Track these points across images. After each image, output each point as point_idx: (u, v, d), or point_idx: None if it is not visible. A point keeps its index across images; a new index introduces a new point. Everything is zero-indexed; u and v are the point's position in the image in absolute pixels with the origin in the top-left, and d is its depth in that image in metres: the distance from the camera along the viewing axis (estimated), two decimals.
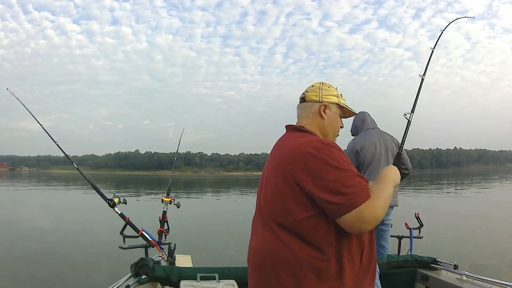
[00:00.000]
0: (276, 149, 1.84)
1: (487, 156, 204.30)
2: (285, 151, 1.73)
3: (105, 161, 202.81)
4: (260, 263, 1.69)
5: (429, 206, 16.76)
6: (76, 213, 17.82)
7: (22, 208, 20.48)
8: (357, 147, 4.02)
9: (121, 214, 3.75)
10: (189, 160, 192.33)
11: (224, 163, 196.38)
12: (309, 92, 1.93)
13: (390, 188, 1.71)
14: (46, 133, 4.23)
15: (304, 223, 1.59)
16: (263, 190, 1.80)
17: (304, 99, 1.93)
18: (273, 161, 1.79)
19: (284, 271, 1.59)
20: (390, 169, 1.87)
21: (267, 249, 1.66)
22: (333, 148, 1.64)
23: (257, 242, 1.75)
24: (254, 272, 1.73)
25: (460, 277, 2.97)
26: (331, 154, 1.60)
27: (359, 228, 1.55)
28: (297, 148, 1.67)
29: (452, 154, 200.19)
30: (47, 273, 7.51)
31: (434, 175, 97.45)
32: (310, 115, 1.89)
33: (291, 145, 1.73)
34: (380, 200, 1.58)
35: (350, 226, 1.54)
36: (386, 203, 1.61)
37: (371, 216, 1.53)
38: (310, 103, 1.91)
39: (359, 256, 1.64)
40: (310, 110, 1.90)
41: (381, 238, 3.98)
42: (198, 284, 2.83)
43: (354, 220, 1.51)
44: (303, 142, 1.68)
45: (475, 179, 56.50)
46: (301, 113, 1.93)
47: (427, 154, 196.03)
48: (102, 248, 9.20)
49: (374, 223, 1.56)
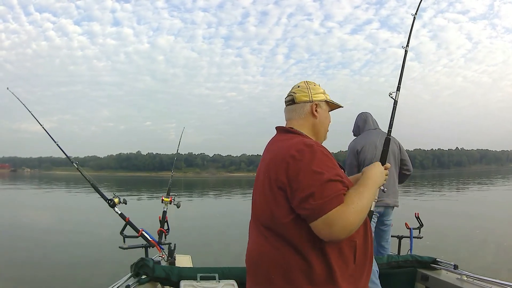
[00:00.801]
0: (266, 151, 1.84)
1: (488, 156, 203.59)
2: (272, 155, 1.73)
3: (107, 162, 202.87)
4: (254, 266, 1.71)
5: (429, 206, 16.75)
6: (76, 213, 17.86)
7: (22, 209, 20.42)
8: (358, 147, 4.03)
9: (121, 214, 3.76)
10: (190, 161, 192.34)
11: (226, 164, 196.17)
12: (297, 93, 1.91)
13: (370, 191, 1.68)
14: (47, 133, 4.24)
15: (287, 227, 1.58)
16: (254, 193, 1.81)
17: (294, 101, 1.91)
18: (263, 164, 1.79)
19: (276, 274, 1.60)
20: (373, 169, 1.80)
21: (259, 252, 1.68)
22: (316, 151, 1.61)
23: (251, 245, 1.76)
24: (250, 275, 1.75)
25: (460, 277, 2.97)
26: (312, 157, 1.59)
27: (329, 235, 1.50)
28: (282, 151, 1.67)
29: (453, 155, 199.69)
30: (47, 273, 7.51)
31: (436, 175, 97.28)
32: (302, 115, 1.89)
33: (278, 147, 1.73)
34: (354, 206, 1.53)
35: (319, 233, 1.50)
36: (363, 207, 1.57)
37: (341, 223, 1.48)
38: (301, 104, 1.89)
39: (352, 257, 1.62)
40: (302, 111, 1.89)
41: (382, 238, 3.99)
42: (198, 284, 2.83)
43: (323, 226, 1.48)
44: (288, 145, 1.68)
45: (476, 180, 56.38)
46: (292, 115, 1.91)
47: (428, 155, 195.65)
48: (102, 248, 9.21)
49: (345, 230, 1.50)
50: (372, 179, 1.74)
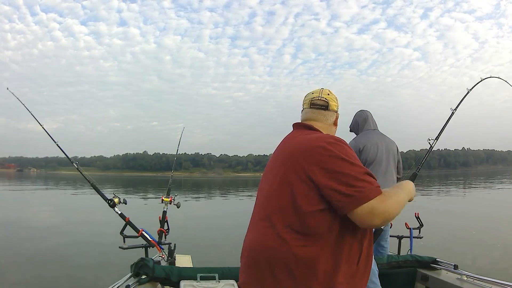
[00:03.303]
0: (284, 145, 1.86)
1: (495, 156, 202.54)
2: (296, 146, 1.74)
3: (114, 162, 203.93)
4: (256, 258, 1.70)
5: (429, 206, 16.56)
6: (77, 213, 17.83)
7: (22, 209, 20.43)
8: (360, 145, 4.01)
9: (121, 214, 3.76)
10: (197, 161, 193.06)
11: (233, 164, 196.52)
12: (330, 101, 1.97)
13: (405, 194, 1.74)
14: (47, 133, 4.25)
15: (307, 218, 1.59)
16: (266, 186, 1.81)
17: (327, 107, 1.96)
18: (281, 156, 1.79)
19: (280, 267, 1.59)
20: (409, 183, 1.91)
21: (264, 244, 1.66)
22: (344, 145, 1.67)
23: (254, 237, 1.75)
24: (249, 267, 1.74)
25: (460, 277, 2.95)
26: (344, 149, 1.63)
27: (371, 222, 1.53)
28: (309, 142, 1.69)
29: (460, 155, 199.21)
30: (47, 273, 7.47)
31: (442, 175, 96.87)
32: (329, 123, 1.96)
33: (302, 140, 1.75)
34: (393, 199, 1.59)
35: (361, 220, 1.53)
36: (399, 204, 1.62)
37: (383, 211, 1.52)
38: (332, 112, 1.97)
39: (357, 258, 1.65)
40: (331, 119, 1.97)
41: (381, 237, 3.97)
42: (198, 284, 2.82)
43: (366, 213, 1.51)
44: (315, 137, 1.71)
45: (480, 179, 56.11)
46: (320, 119, 1.96)
47: (435, 155, 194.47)
48: (102, 248, 9.19)
49: (385, 219, 1.55)
50: (408, 188, 1.84)
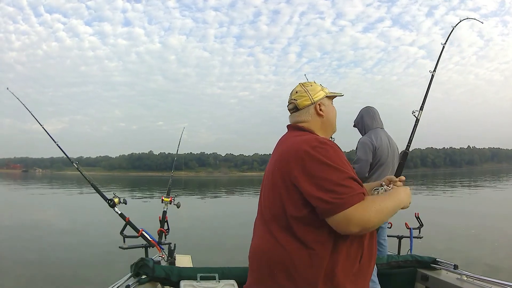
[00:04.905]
0: (277, 148, 1.86)
1: (500, 154, 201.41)
2: (283, 150, 1.75)
3: (119, 162, 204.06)
4: (258, 262, 1.73)
5: (429, 205, 16.51)
6: (77, 213, 17.92)
7: (22, 209, 20.48)
8: (376, 145, 3.91)
9: (121, 214, 3.77)
10: (203, 161, 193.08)
11: (238, 164, 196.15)
12: (298, 99, 1.91)
13: (392, 202, 1.68)
14: (47, 134, 4.27)
15: (297, 222, 1.60)
16: (264, 189, 1.82)
17: (297, 108, 1.91)
18: (273, 160, 1.80)
19: (279, 271, 1.61)
20: (403, 190, 1.82)
21: (264, 248, 1.69)
22: (330, 147, 1.63)
23: (256, 241, 1.78)
24: (253, 271, 1.76)
25: (460, 277, 2.94)
26: (327, 153, 1.60)
27: (347, 230, 1.53)
28: (294, 146, 1.68)
29: (465, 153, 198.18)
30: (46, 273, 7.51)
31: (447, 174, 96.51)
32: (309, 118, 1.89)
33: (289, 143, 1.74)
34: (374, 206, 1.56)
35: (337, 226, 1.53)
36: (383, 212, 1.59)
37: (361, 219, 1.51)
38: (305, 109, 1.90)
39: (358, 257, 1.64)
40: (308, 114, 1.89)
41: (379, 236, 3.95)
42: (198, 284, 2.82)
43: (343, 220, 1.50)
44: (300, 141, 1.69)
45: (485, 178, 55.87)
46: (299, 120, 1.91)
47: (440, 153, 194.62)
48: (102, 248, 9.23)
49: (364, 227, 1.53)
50: (398, 196, 1.75)
